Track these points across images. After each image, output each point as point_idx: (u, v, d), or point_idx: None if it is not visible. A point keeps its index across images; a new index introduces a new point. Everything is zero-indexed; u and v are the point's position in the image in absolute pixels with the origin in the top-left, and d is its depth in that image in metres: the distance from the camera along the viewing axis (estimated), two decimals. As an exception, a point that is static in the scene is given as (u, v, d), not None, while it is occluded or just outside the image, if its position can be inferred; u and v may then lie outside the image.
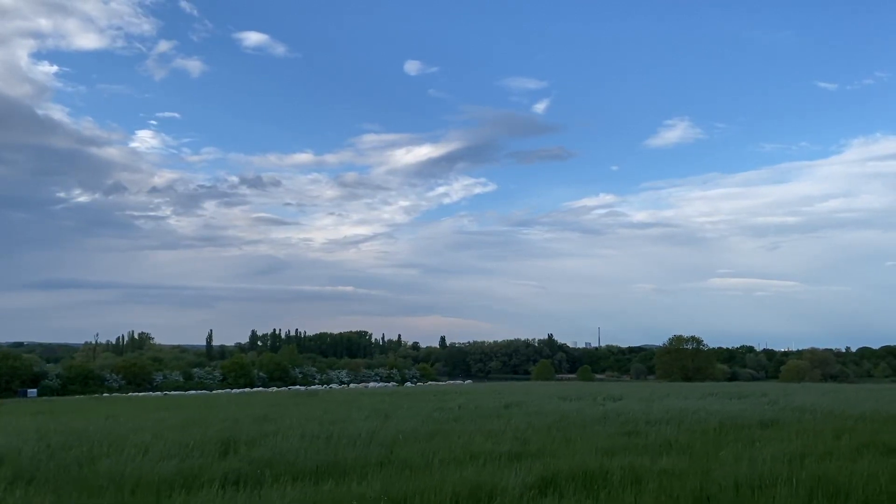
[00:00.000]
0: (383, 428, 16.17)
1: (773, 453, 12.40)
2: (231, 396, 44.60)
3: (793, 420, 19.06)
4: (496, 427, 16.63)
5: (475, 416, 20.56)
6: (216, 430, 15.29)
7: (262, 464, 10.18)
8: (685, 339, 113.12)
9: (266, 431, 14.99)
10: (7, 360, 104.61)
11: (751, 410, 22.24)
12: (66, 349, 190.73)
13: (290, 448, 11.66)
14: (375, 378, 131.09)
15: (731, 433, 16.33)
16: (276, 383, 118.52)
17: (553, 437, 14.64)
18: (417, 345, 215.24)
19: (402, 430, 15.70)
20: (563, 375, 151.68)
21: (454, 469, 10.00)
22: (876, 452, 12.94)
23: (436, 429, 16.34)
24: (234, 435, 13.84)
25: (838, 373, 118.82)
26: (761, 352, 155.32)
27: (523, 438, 14.23)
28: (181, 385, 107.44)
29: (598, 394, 33.44)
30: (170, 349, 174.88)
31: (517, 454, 11.77)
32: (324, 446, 12.26)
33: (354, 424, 16.88)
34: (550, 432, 15.67)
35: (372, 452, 11.51)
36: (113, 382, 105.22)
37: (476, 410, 23.29)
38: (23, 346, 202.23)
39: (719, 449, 13.42)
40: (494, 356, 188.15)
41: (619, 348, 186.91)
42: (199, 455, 11.11)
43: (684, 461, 11.52)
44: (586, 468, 10.16)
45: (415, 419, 19.19)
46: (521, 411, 22.72)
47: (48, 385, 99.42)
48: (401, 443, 13.03)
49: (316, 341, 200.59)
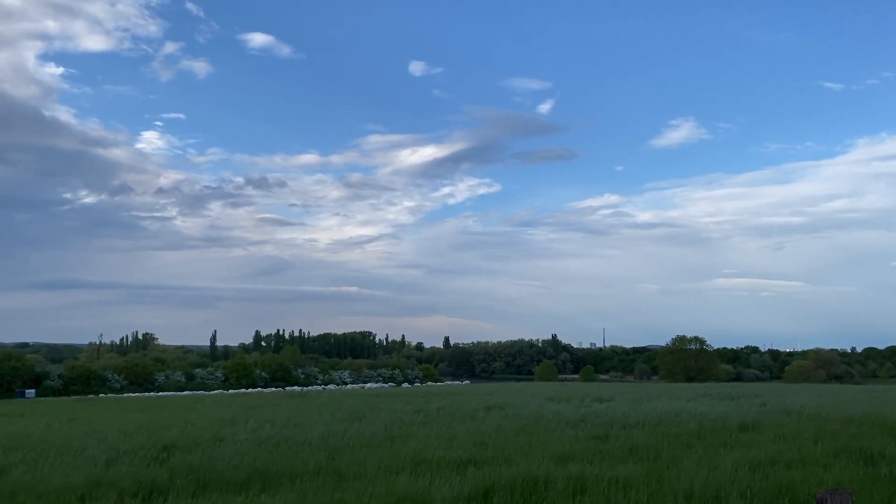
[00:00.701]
0: (346, 432, 15.61)
1: (740, 460, 11.77)
2: (220, 397, 44.17)
3: (776, 423, 18.40)
4: (462, 431, 16.03)
5: (449, 419, 19.97)
6: (167, 434, 14.77)
7: (188, 472, 9.62)
8: (688, 339, 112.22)
9: (221, 435, 14.44)
10: (9, 361, 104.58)
11: (736, 412, 21.56)
12: (70, 349, 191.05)
13: (227, 454, 11.11)
14: (378, 379, 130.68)
15: (707, 436, 15.70)
16: (278, 384, 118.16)
17: (517, 442, 14.03)
18: (421, 345, 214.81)
19: (362, 434, 15.13)
20: (566, 376, 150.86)
21: (389, 478, 9.42)
22: (851, 459, 12.29)
23: (400, 432, 15.76)
24: (179, 440, 13.30)
25: (843, 373, 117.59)
26: (766, 352, 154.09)
27: (484, 443, 13.63)
28: (183, 385, 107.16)
29: (588, 395, 32.79)
30: (174, 349, 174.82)
31: (468, 461, 11.17)
32: (267, 452, 11.70)
33: (316, 428, 16.31)
34: (517, 437, 15.07)
35: (313, 459, 10.94)
36: (115, 383, 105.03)
37: (454, 413, 22.68)
38: (28, 347, 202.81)
39: (688, 454, 12.81)
40: (498, 357, 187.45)
41: (622, 349, 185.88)
42: (126, 462, 10.57)
43: (643, 469, 10.90)
44: (533, 476, 9.56)
45: (384, 422, 18.61)
46: (500, 414, 22.11)
47: (50, 385, 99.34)
48: (350, 449, 12.45)
49: (320, 342, 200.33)
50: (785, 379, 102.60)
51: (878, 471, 11.14)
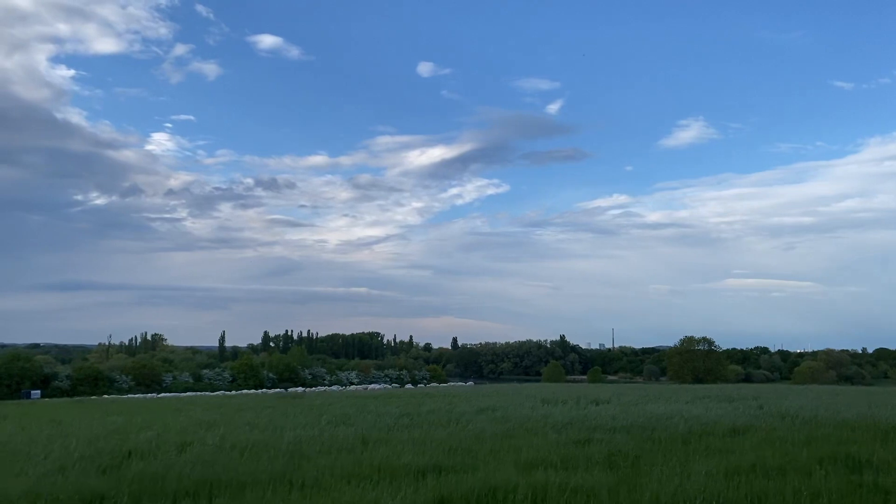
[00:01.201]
0: (320, 436, 15.26)
1: (719, 467, 11.34)
2: (214, 398, 43.96)
3: (768, 427, 17.88)
4: (443, 435, 15.64)
5: (434, 423, 19.58)
6: (135, 439, 14.46)
7: (136, 481, 9.29)
8: (696, 340, 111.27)
9: (190, 440, 14.12)
10: (17, 362, 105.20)
11: (730, 416, 21.07)
12: (81, 350, 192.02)
13: (186, 461, 10.77)
14: (385, 379, 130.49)
15: (694, 441, 15.24)
16: (285, 384, 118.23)
17: (492, 447, 13.63)
18: (430, 346, 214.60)
19: (337, 438, 14.79)
20: (574, 377, 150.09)
21: (341, 487, 9.06)
22: (836, 467, 11.83)
23: (377, 437, 15.39)
24: (144, 446, 12.99)
25: (853, 374, 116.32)
26: (776, 353, 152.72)
27: (458, 449, 13.23)
28: (190, 386, 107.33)
29: (585, 397, 32.28)
30: (183, 350, 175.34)
31: (433, 468, 10.78)
32: (229, 459, 11.35)
33: (293, 432, 15.97)
34: (496, 442, 14.66)
35: (274, 467, 10.59)
36: (122, 383, 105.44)
37: (442, 416, 22.28)
38: (39, 348, 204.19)
39: (667, 460, 12.39)
40: (506, 357, 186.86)
41: (632, 349, 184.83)
42: (77, 470, 10.25)
43: (614, 476, 10.49)
44: (492, 486, 9.16)
45: (365, 426, 18.24)
46: (488, 417, 21.70)
47: (58, 386, 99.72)
48: (318, 455, 12.09)
49: (328, 342, 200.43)
50: (794, 380, 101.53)
51: (862, 479, 10.69)
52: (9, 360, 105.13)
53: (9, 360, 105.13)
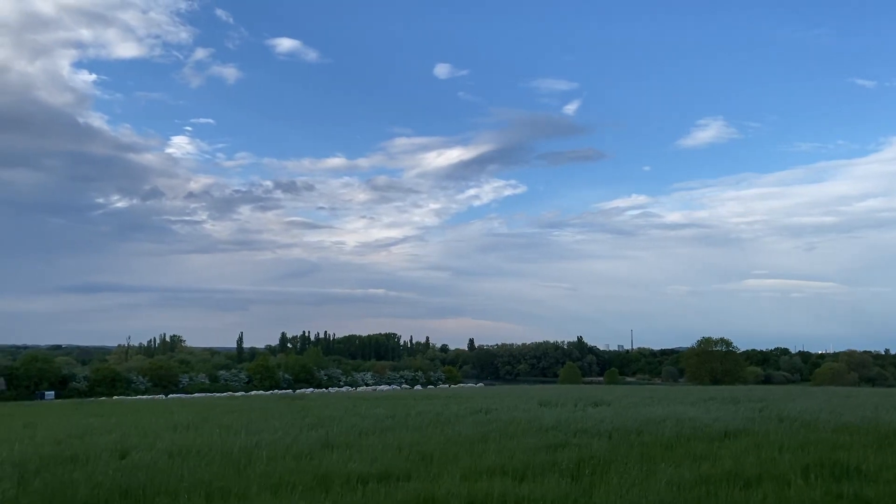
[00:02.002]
0: (280, 441, 14.63)
1: (694, 475, 10.51)
2: (207, 400, 43.61)
3: (762, 430, 16.94)
4: (418, 439, 14.92)
5: (414, 426, 18.87)
6: (81, 444, 13.93)
7: (45, 491, 8.69)
8: (714, 341, 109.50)
9: (138, 444, 13.55)
10: (35, 363, 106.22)
11: (727, 419, 20.10)
12: (101, 352, 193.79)
13: (108, 470, 10.15)
14: (400, 380, 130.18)
15: (680, 446, 14.38)
16: (300, 385, 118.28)
17: (457, 452, 12.89)
18: (446, 347, 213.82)
19: (298, 442, 14.14)
20: (592, 378, 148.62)
21: (266, 498, 8.39)
22: (821, 475, 10.94)
23: (344, 441, 14.70)
24: (89, 451, 12.43)
25: (876, 376, 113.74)
26: (796, 354, 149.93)
27: (419, 454, 12.51)
28: (207, 387, 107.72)
29: (586, 399, 31.39)
30: (201, 351, 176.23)
31: (378, 476, 10.07)
32: (162, 466, 10.74)
33: (252, 437, 15.36)
34: (467, 446, 13.91)
35: (203, 475, 9.95)
36: (139, 384, 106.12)
37: (430, 418, 21.57)
38: (61, 349, 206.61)
39: (641, 467, 11.60)
40: (523, 359, 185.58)
41: (650, 351, 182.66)
42: None
43: (569, 486, 9.72)
44: (428, 497, 8.46)
45: (342, 429, 17.59)
46: (476, 419, 20.94)
47: (76, 387, 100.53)
48: (266, 461, 11.43)
49: (344, 343, 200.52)
50: (814, 381, 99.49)
51: (842, 489, 9.83)
52: (27, 361, 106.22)
53: (27, 361, 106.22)
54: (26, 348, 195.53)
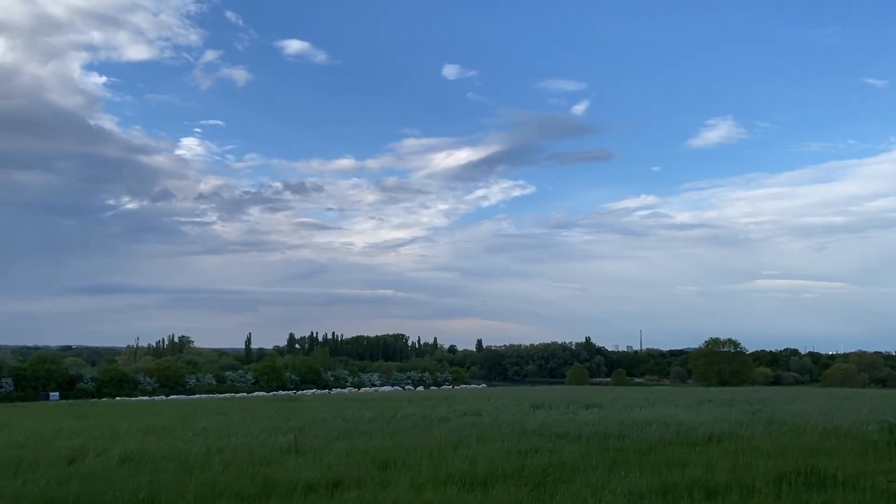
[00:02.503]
0: (246, 445, 14.30)
1: (651, 484, 10.09)
2: (203, 401, 43.40)
3: (748, 435, 16.45)
4: (382, 445, 14.55)
5: (397, 429, 18.53)
6: (43, 448, 13.65)
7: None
8: (722, 342, 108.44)
9: (100, 449, 13.25)
10: (44, 364, 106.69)
11: (716, 422, 19.57)
12: (111, 352, 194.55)
13: (46, 477, 9.84)
14: (407, 381, 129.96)
15: (655, 451, 13.94)
16: (307, 386, 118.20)
17: (420, 458, 12.51)
18: (454, 348, 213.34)
19: (263, 447, 13.81)
20: (600, 379, 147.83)
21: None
22: (794, 484, 10.49)
23: (313, 446, 14.35)
24: (42, 457, 12.14)
25: (886, 377, 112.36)
26: (806, 355, 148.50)
27: (383, 460, 12.14)
28: (213, 388, 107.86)
29: (580, 401, 30.95)
30: (209, 352, 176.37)
31: (327, 485, 9.70)
32: (105, 474, 10.42)
33: (220, 441, 15.04)
34: (436, 452, 13.53)
35: (145, 483, 9.62)
36: (147, 385, 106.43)
37: (415, 420, 21.24)
38: (71, 350, 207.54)
39: (610, 473, 11.19)
40: (531, 359, 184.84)
41: (658, 351, 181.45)
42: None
43: (522, 496, 9.31)
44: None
45: (315, 433, 17.27)
46: (460, 422, 20.54)
47: (83, 388, 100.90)
48: (215, 468, 11.09)
49: (352, 344, 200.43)
50: (822, 383, 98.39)
51: (811, 500, 9.38)
52: (35, 362, 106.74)
53: (35, 362, 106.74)
54: (37, 349, 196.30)
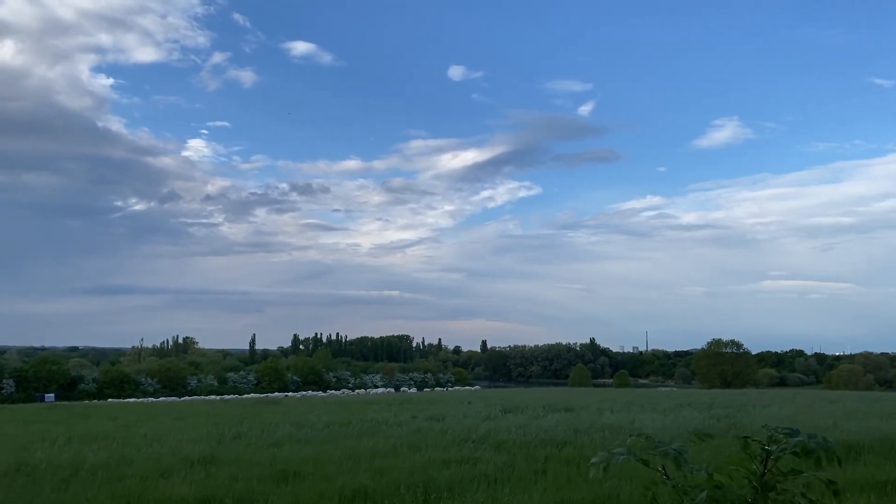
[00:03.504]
0: (162, 455, 13.77)
1: (552, 499, 9.49)
2: (173, 404, 42.96)
3: (697, 444, 15.76)
4: (300, 456, 13.97)
5: (336, 436, 17.98)
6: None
7: None
8: (724, 342, 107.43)
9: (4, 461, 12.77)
10: (45, 365, 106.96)
11: (672, 428, 18.85)
12: (116, 353, 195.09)
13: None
14: (409, 382, 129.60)
15: (586, 461, 13.30)
16: (309, 387, 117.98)
17: (331, 471, 11.94)
18: (459, 349, 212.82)
19: (175, 456, 13.29)
20: (604, 380, 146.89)
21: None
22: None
23: (231, 457, 13.81)
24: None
25: (893, 378, 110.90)
26: (812, 356, 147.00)
27: (285, 472, 11.55)
28: (215, 389, 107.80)
29: (554, 405, 30.28)
30: (213, 353, 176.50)
31: (200, 500, 9.18)
32: None
33: (142, 450, 14.54)
34: (351, 462, 12.94)
35: (14, 496, 9.13)
36: (148, 386, 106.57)
37: (366, 427, 20.65)
38: (77, 351, 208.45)
39: (522, 485, 10.58)
40: (535, 360, 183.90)
41: (664, 352, 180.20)
42: None
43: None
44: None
45: (251, 440, 16.74)
46: (414, 428, 19.86)
47: (84, 389, 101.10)
48: (96, 481, 10.57)
49: (357, 345, 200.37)
50: (825, 384, 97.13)
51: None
52: (37, 363, 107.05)
53: (37, 363, 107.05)
54: (43, 350, 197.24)
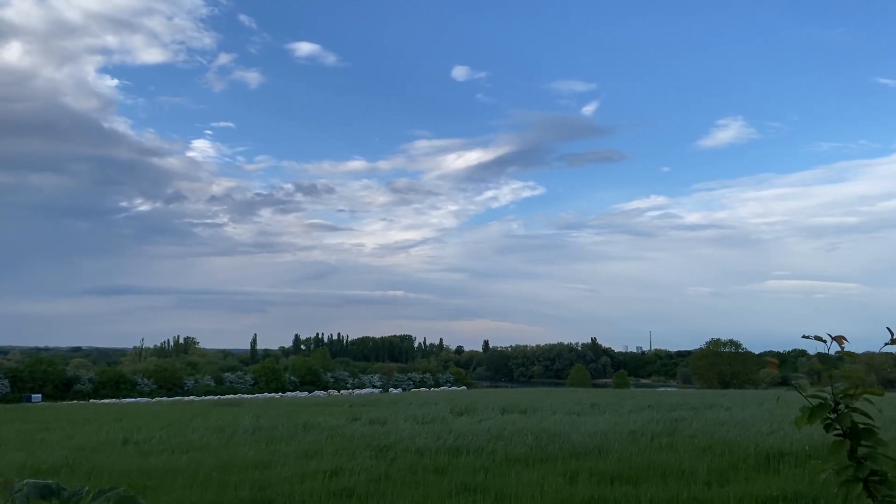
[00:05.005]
0: (23, 461, 12.71)
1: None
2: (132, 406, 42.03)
3: (616, 449, 14.51)
4: (183, 463, 12.89)
5: (242, 442, 16.89)
6: None
7: None
8: (723, 342, 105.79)
9: None
10: (40, 365, 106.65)
11: (611, 432, 17.62)
12: (119, 354, 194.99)
13: None
14: (408, 383, 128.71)
15: (460, 470, 12.04)
16: (307, 387, 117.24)
17: (173, 483, 10.82)
18: (461, 349, 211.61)
19: (43, 463, 12.22)
20: (606, 381, 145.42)
21: None
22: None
23: (92, 465, 12.75)
24: None
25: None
26: (815, 356, 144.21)
27: (125, 485, 10.47)
28: (212, 390, 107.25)
29: (514, 406, 29.05)
30: (214, 353, 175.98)
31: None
32: None
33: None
34: (202, 474, 11.81)
35: None
36: (144, 387, 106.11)
37: (283, 433, 19.57)
38: (80, 351, 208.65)
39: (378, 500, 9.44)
40: (537, 360, 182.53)
41: (666, 352, 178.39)
42: None
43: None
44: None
45: (144, 445, 15.67)
46: (319, 436, 18.78)
47: (80, 389, 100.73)
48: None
49: (358, 345, 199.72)
50: (822, 384, 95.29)
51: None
52: (32, 363, 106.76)
53: (32, 363, 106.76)
54: (47, 350, 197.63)
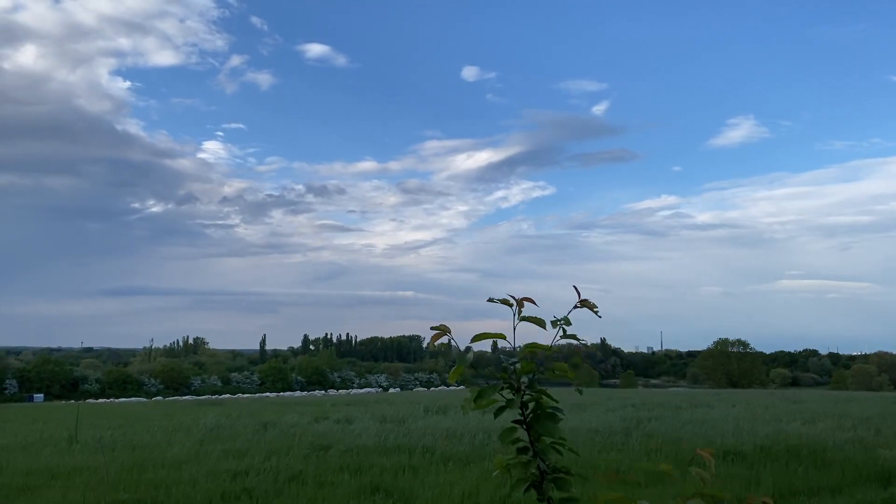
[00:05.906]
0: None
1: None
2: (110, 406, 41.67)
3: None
4: (76, 463, 12.32)
5: (177, 441, 16.32)
6: None
7: None
8: (731, 342, 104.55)
9: None
10: (47, 365, 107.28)
11: (574, 430, 16.92)
12: (130, 354, 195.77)
13: None
14: (415, 382, 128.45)
15: (374, 471, 11.38)
16: (313, 387, 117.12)
17: (41, 485, 10.24)
18: (470, 349, 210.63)
19: None
20: (615, 381, 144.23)
21: None
22: None
23: (27, 467, 12.21)
24: None
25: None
26: (826, 356, 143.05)
27: (16, 487, 9.90)
28: (218, 389, 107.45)
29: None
30: (223, 353, 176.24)
31: None
32: None
33: None
34: (75, 477, 11.24)
35: None
36: (151, 387, 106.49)
37: (245, 429, 19.01)
38: (92, 352, 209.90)
39: None
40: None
41: (677, 352, 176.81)
42: None
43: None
44: None
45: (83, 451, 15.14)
46: (271, 434, 18.18)
47: (87, 389, 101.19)
48: None
49: (367, 345, 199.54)
50: (833, 384, 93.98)
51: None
52: (39, 363, 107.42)
53: (39, 363, 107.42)
54: (59, 350, 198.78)
